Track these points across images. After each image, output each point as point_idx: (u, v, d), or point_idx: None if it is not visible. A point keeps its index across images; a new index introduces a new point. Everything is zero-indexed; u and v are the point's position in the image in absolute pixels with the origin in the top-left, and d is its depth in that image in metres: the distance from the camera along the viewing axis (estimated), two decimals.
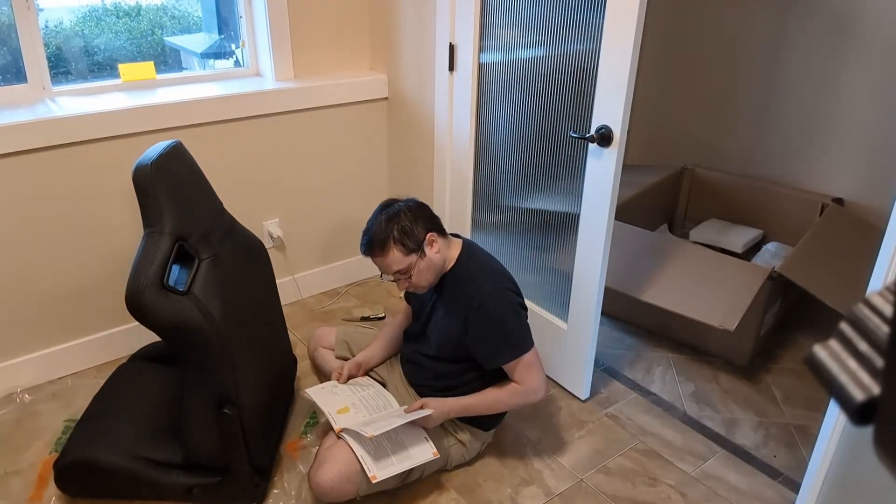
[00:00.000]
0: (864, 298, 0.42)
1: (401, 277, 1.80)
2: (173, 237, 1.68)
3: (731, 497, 1.92)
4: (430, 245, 1.80)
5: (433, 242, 1.80)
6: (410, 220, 1.78)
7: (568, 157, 2.12)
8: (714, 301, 2.28)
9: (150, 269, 1.62)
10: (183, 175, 1.80)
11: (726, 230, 3.02)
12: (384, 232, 1.76)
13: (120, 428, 1.87)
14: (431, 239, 1.79)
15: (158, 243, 1.66)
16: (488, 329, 1.79)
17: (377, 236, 1.77)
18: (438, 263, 1.83)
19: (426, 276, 1.81)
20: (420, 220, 1.79)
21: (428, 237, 1.79)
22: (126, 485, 1.81)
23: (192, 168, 1.87)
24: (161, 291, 1.61)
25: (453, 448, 1.93)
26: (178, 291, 1.64)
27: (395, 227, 1.76)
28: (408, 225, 1.77)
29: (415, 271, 1.79)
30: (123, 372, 2.11)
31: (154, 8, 2.54)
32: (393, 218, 1.77)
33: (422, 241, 1.78)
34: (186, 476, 1.81)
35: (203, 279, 1.70)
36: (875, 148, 2.66)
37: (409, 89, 2.67)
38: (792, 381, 2.43)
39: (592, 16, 1.90)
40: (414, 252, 1.77)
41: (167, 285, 1.63)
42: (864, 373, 0.40)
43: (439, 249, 1.82)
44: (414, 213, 1.80)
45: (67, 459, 1.79)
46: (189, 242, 1.72)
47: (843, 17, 2.64)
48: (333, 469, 1.74)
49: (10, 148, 2.03)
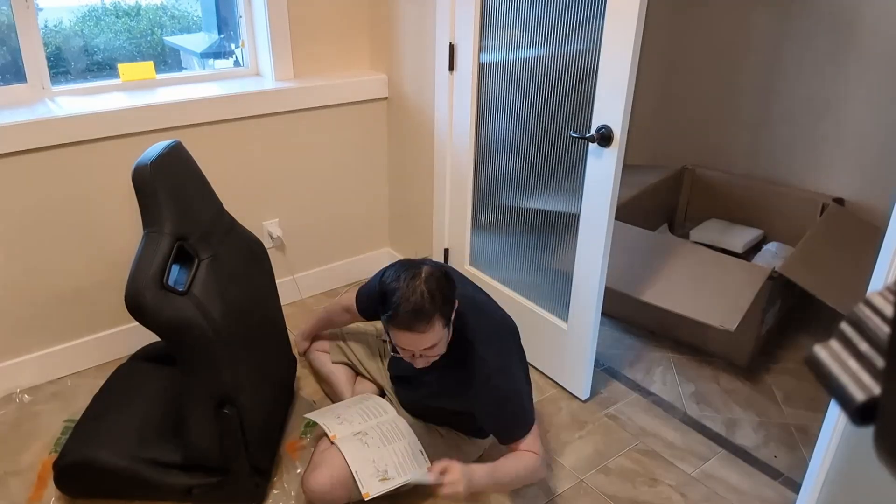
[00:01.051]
0: (865, 298, 0.42)
1: (426, 354, 1.59)
2: (173, 237, 1.68)
3: (731, 497, 1.92)
4: (456, 315, 1.62)
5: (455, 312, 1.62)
6: (447, 290, 1.56)
7: (568, 157, 2.12)
8: (714, 301, 2.28)
9: (149, 269, 1.61)
10: (182, 175, 1.79)
11: (726, 230, 3.02)
12: (431, 305, 1.51)
13: (120, 428, 1.87)
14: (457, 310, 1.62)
15: (158, 243, 1.65)
16: (499, 406, 1.66)
17: (424, 309, 1.50)
18: None
19: (443, 347, 1.62)
20: (452, 291, 1.58)
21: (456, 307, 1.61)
22: (126, 485, 1.81)
23: (192, 168, 1.86)
24: (161, 291, 1.61)
25: (451, 453, 1.91)
26: (178, 291, 1.64)
27: (438, 299, 1.52)
28: (447, 296, 1.56)
29: (441, 343, 1.60)
30: (123, 372, 2.11)
31: (154, 8, 2.54)
32: (434, 290, 1.53)
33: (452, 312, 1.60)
34: (186, 476, 1.80)
35: (203, 279, 1.69)
36: (875, 148, 2.66)
37: (409, 89, 2.67)
38: (792, 381, 2.43)
39: (592, 16, 1.89)
40: (450, 325, 1.60)
41: (167, 285, 1.62)
42: (864, 373, 0.40)
43: None
44: (445, 283, 1.57)
45: (67, 460, 1.79)
46: (189, 242, 1.72)
47: (843, 17, 2.64)
48: (326, 474, 1.73)
49: (9, 148, 2.03)
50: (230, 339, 1.70)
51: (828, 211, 2.72)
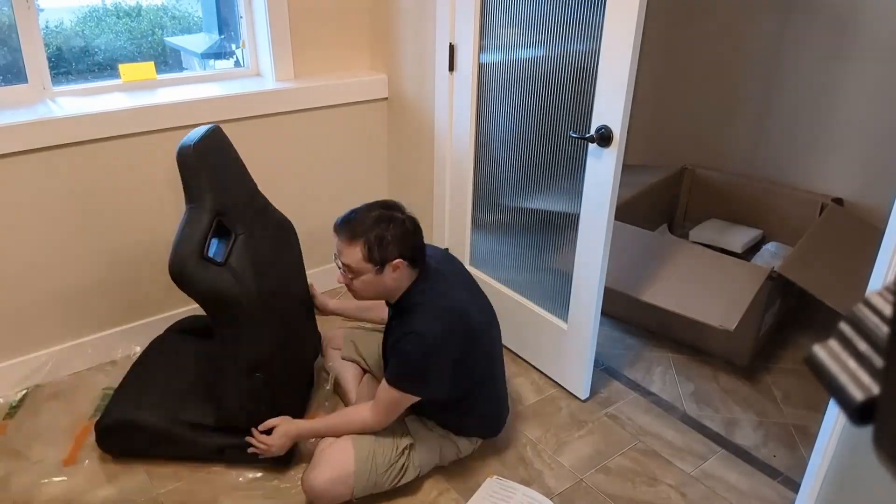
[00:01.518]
0: (864, 298, 0.42)
1: (345, 271, 1.76)
2: (212, 213, 1.80)
3: (730, 497, 1.93)
4: (393, 270, 1.73)
5: (397, 269, 1.73)
6: (392, 238, 1.70)
7: (568, 157, 2.12)
8: (713, 301, 2.28)
9: (191, 241, 1.75)
10: (221, 156, 1.93)
11: (726, 230, 3.03)
12: (361, 225, 1.70)
13: (157, 392, 2.01)
14: (397, 265, 1.72)
15: (200, 218, 1.78)
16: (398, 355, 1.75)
17: (356, 226, 1.71)
18: (388, 287, 1.77)
19: (367, 289, 1.77)
20: (401, 243, 1.71)
21: (396, 261, 1.71)
22: (163, 444, 1.94)
23: (230, 150, 1.99)
24: (201, 262, 1.74)
25: (445, 445, 1.93)
26: (217, 262, 1.76)
27: (374, 232, 1.69)
28: (386, 239, 1.70)
29: (362, 278, 1.74)
30: (159, 342, 2.25)
31: (154, 8, 2.54)
32: (382, 222, 1.71)
33: (388, 261, 1.71)
34: (219, 437, 1.92)
35: (239, 252, 1.82)
36: (874, 148, 2.66)
37: (409, 89, 2.67)
38: (792, 381, 2.44)
39: (592, 15, 1.90)
40: (372, 263, 1.71)
41: (207, 256, 1.75)
42: (863, 373, 0.41)
43: (399, 278, 1.75)
44: (401, 232, 1.72)
45: (109, 419, 1.93)
46: (227, 218, 1.84)
47: (843, 17, 2.64)
48: (327, 472, 1.75)
49: (10, 148, 2.03)
50: (263, 308, 1.81)
51: (826, 211, 2.72)
